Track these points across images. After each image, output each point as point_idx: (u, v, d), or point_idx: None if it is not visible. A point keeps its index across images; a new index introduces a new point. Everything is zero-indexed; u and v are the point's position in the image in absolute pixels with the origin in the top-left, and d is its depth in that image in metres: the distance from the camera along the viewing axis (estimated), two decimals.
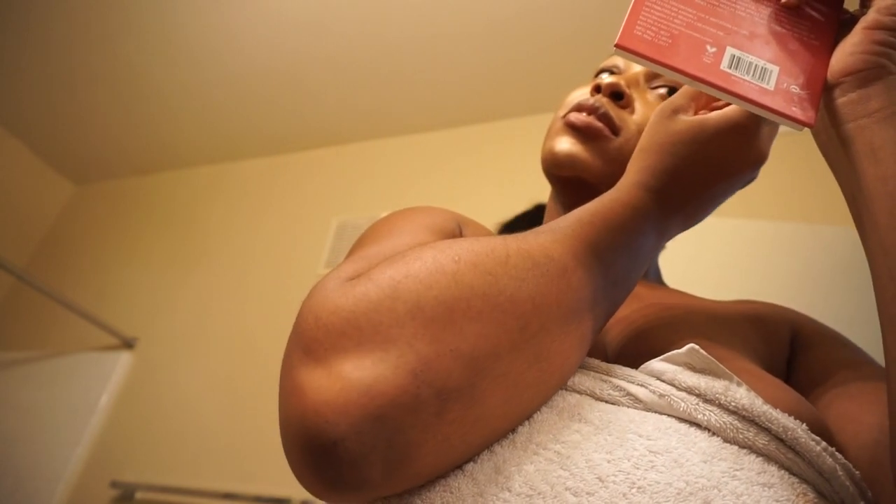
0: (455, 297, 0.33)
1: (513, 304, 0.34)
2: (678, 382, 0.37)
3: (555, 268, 0.36)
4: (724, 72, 0.39)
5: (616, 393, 0.38)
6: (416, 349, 0.31)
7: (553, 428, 0.35)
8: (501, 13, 1.96)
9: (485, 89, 2.22)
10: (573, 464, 0.33)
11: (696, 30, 0.40)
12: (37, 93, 2.45)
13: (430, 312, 0.32)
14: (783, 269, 1.43)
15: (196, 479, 1.82)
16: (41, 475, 1.98)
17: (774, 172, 1.86)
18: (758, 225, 1.54)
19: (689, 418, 0.36)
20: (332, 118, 2.43)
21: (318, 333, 0.33)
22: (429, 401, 0.30)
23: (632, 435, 0.34)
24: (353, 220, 2.28)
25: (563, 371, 0.37)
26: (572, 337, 0.36)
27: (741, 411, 0.36)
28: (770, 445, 0.35)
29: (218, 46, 2.18)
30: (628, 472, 0.32)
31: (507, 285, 0.34)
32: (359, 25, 2.05)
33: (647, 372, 0.39)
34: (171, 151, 2.69)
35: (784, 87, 0.39)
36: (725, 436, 0.35)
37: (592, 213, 0.41)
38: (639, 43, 0.39)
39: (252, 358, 2.05)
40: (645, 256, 0.43)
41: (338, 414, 0.30)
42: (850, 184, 0.40)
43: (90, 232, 2.75)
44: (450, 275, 0.34)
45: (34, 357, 2.29)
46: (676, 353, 0.38)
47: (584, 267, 0.38)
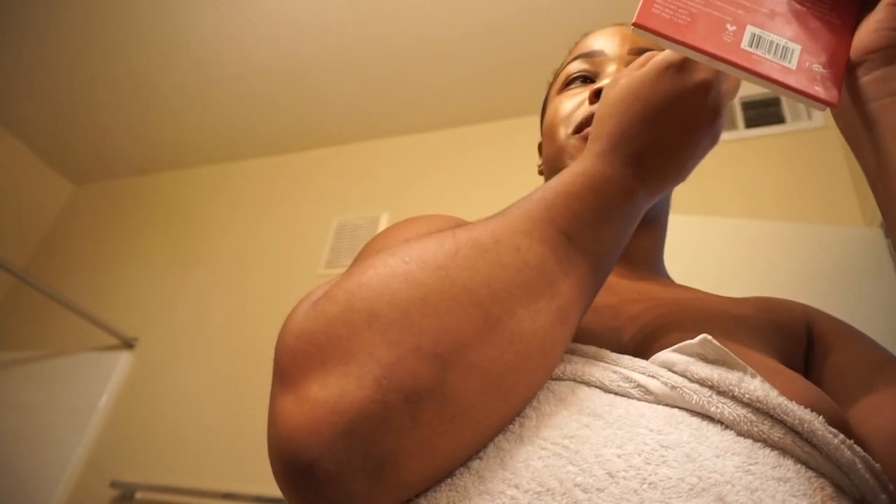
0: (409, 298, 0.32)
1: (468, 293, 0.33)
2: (690, 374, 0.36)
3: (505, 249, 0.36)
4: (745, 50, 0.38)
5: (626, 384, 0.37)
6: (376, 357, 0.31)
7: (562, 421, 0.34)
8: (501, 14, 1.96)
9: (484, 90, 2.22)
10: (582, 459, 0.32)
11: (715, 8, 0.39)
12: (37, 93, 2.45)
13: (386, 317, 0.32)
14: (783, 269, 1.43)
15: (196, 479, 1.82)
16: (41, 475, 1.98)
17: (775, 172, 1.87)
18: (759, 225, 1.54)
19: (702, 411, 0.35)
20: (332, 118, 2.43)
21: (286, 359, 0.33)
22: (398, 406, 0.30)
23: (643, 429, 0.34)
24: (353, 220, 2.28)
25: (545, 350, 0.35)
26: (546, 314, 0.35)
27: (755, 403, 0.34)
28: (786, 438, 0.34)
29: (218, 47, 2.18)
30: (639, 468, 0.31)
31: (459, 276, 0.34)
32: (359, 26, 2.05)
33: (659, 363, 0.38)
34: (171, 151, 2.69)
35: (806, 65, 0.38)
36: (739, 429, 0.34)
37: (545, 189, 0.40)
38: (657, 21, 0.38)
39: (252, 358, 2.05)
40: (618, 221, 0.41)
41: (309, 436, 0.30)
42: (873, 165, 0.39)
43: (90, 232, 2.75)
44: (401, 277, 0.33)
45: (34, 357, 2.29)
46: (688, 343, 0.37)
47: (541, 243, 0.37)
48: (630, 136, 0.41)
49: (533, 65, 2.09)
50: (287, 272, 2.23)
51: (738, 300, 0.57)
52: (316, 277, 2.18)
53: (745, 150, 1.90)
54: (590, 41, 0.64)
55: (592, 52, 0.62)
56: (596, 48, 0.62)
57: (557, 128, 0.59)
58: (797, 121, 1.90)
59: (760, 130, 1.93)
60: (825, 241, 1.49)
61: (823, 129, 1.85)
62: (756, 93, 2.01)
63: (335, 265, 2.18)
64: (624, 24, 0.64)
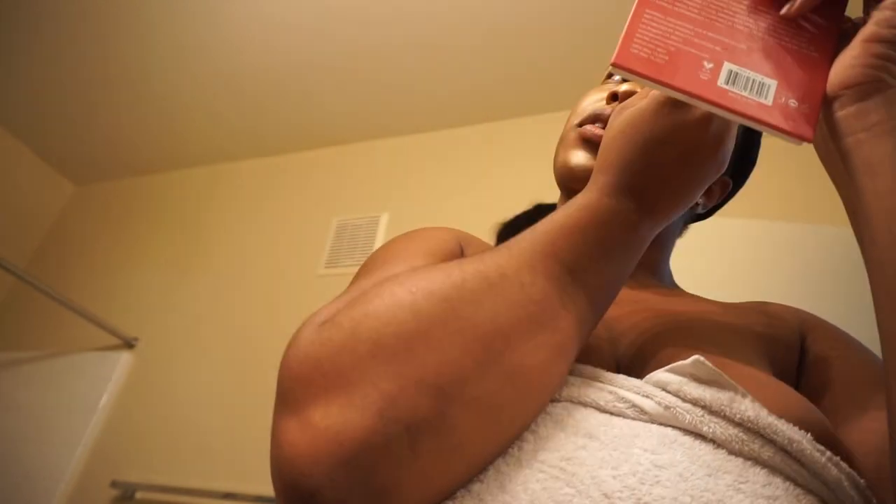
0: (413, 330, 0.33)
1: (472, 327, 0.34)
2: (683, 394, 0.37)
3: (509, 284, 0.36)
4: (721, 88, 0.39)
5: (621, 404, 0.38)
6: (379, 388, 0.31)
7: (558, 444, 0.35)
8: (502, 14, 1.96)
9: (485, 90, 2.22)
10: (579, 481, 0.33)
11: (693, 45, 0.40)
12: (37, 93, 2.45)
13: (391, 348, 0.32)
14: (783, 269, 1.43)
15: (196, 479, 1.82)
16: (41, 475, 1.98)
17: (775, 172, 1.86)
18: (759, 225, 1.54)
19: (695, 430, 0.36)
20: (332, 118, 2.43)
21: (290, 383, 0.34)
22: (399, 438, 0.30)
23: (637, 449, 0.34)
24: (353, 220, 2.28)
25: (543, 384, 0.36)
26: (546, 349, 0.36)
27: (746, 423, 0.35)
28: (775, 457, 0.35)
29: (218, 47, 2.18)
30: (634, 488, 0.32)
31: (464, 309, 0.34)
32: (359, 27, 2.05)
33: (653, 383, 0.39)
34: (172, 152, 2.70)
35: (782, 101, 0.39)
36: (731, 448, 0.35)
37: (551, 222, 0.41)
38: (635, 61, 0.39)
39: (252, 358, 2.05)
40: (620, 253, 0.41)
41: (311, 465, 0.30)
42: (850, 197, 0.40)
43: (90, 232, 2.75)
44: (407, 308, 0.34)
45: (34, 357, 2.29)
46: (682, 363, 0.38)
47: (544, 277, 0.37)
48: (632, 168, 0.42)
49: (533, 65, 2.09)
50: (287, 272, 2.23)
51: (736, 307, 0.58)
52: (316, 277, 2.18)
53: None
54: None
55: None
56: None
57: (570, 117, 0.60)
58: None
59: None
60: (825, 241, 1.49)
61: None
62: None
63: (335, 265, 2.18)
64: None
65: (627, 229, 0.41)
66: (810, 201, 1.75)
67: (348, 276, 2.15)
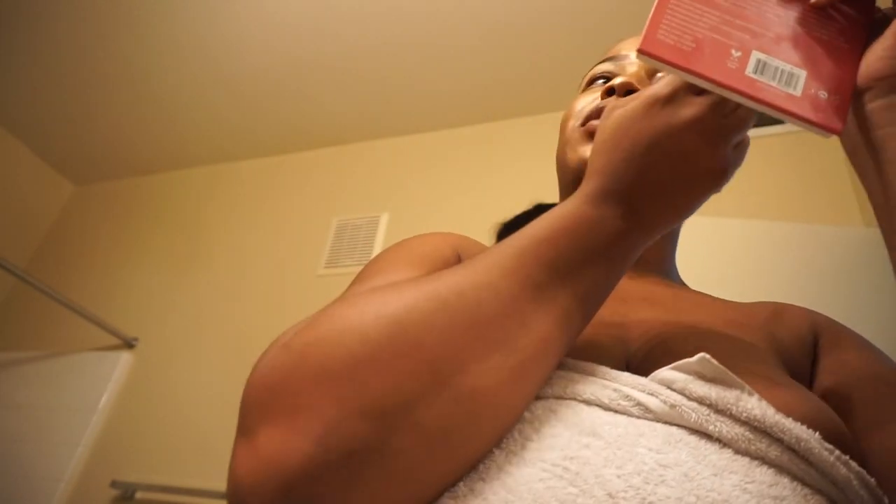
0: (359, 354, 0.32)
1: (420, 350, 0.32)
2: (689, 392, 0.36)
3: (465, 303, 0.35)
4: (750, 77, 0.38)
5: (626, 402, 0.37)
6: (321, 414, 0.31)
7: (562, 442, 0.35)
8: (501, 14, 1.96)
9: (484, 90, 2.22)
10: (583, 480, 0.32)
11: (720, 33, 0.39)
12: (37, 93, 2.45)
13: (335, 374, 0.31)
14: (783, 269, 1.43)
15: (196, 479, 1.82)
16: (41, 475, 1.98)
17: (775, 172, 1.87)
18: (759, 225, 1.54)
19: (701, 429, 0.35)
20: (331, 118, 2.43)
21: (245, 406, 0.34)
22: (340, 465, 0.30)
23: (642, 448, 0.34)
24: (353, 220, 2.28)
25: (497, 408, 0.34)
26: (500, 371, 0.34)
27: (753, 422, 0.35)
28: (782, 456, 0.34)
29: (218, 47, 2.18)
30: (638, 487, 0.32)
31: (412, 332, 0.33)
32: (359, 26, 2.05)
33: (658, 381, 0.38)
34: (172, 152, 2.70)
35: (812, 92, 0.38)
36: (737, 447, 0.35)
37: (533, 229, 0.39)
38: (662, 48, 0.38)
39: (252, 358, 2.04)
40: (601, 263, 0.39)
41: (253, 489, 0.30)
42: (877, 191, 0.39)
43: (90, 232, 2.75)
44: (355, 331, 0.33)
45: (34, 357, 2.29)
46: (687, 361, 0.37)
47: (507, 295, 0.36)
48: (618, 174, 0.40)
49: (532, 66, 2.09)
50: (287, 272, 2.23)
51: (747, 306, 0.57)
52: (316, 277, 2.18)
53: None
54: (618, 46, 0.64)
55: (619, 55, 0.61)
56: (623, 52, 0.61)
57: (567, 122, 0.59)
58: None
59: (760, 130, 1.93)
60: (825, 241, 1.49)
61: None
62: None
63: (335, 265, 2.18)
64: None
65: (613, 238, 0.39)
66: (810, 201, 1.75)
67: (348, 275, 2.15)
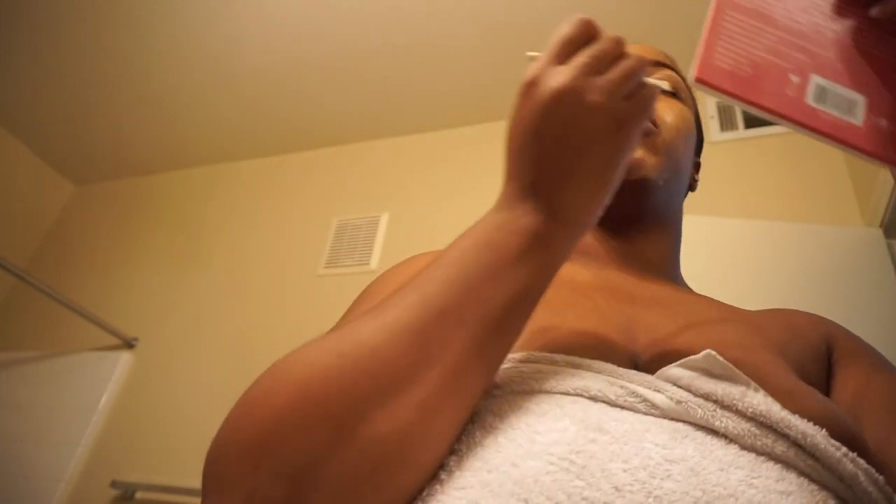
0: (269, 418, 0.32)
1: (322, 407, 0.32)
2: (695, 388, 0.37)
3: (362, 351, 0.34)
4: (810, 107, 0.36)
5: (633, 399, 0.37)
6: (242, 483, 0.31)
7: (569, 437, 0.35)
8: (501, 14, 1.96)
9: (484, 90, 2.22)
10: (589, 473, 0.33)
11: (777, 54, 0.36)
12: (37, 93, 2.45)
13: (251, 442, 0.32)
14: (783, 269, 1.43)
15: (196, 479, 1.81)
16: (41, 475, 1.98)
17: (775, 172, 1.87)
18: (759, 225, 1.54)
19: (707, 425, 0.35)
20: (332, 118, 2.43)
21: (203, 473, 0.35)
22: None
23: (648, 443, 0.34)
24: (353, 220, 2.28)
25: (405, 449, 0.33)
26: (408, 410, 0.33)
27: (759, 417, 0.35)
28: (789, 452, 0.34)
29: (218, 47, 2.18)
30: (644, 482, 0.32)
31: (314, 390, 0.33)
32: (359, 26, 2.05)
33: (664, 378, 0.38)
34: (172, 152, 2.70)
35: (872, 121, 0.36)
36: (743, 443, 0.35)
37: (433, 261, 0.38)
38: (720, 76, 0.35)
39: (252, 358, 2.05)
40: (525, 266, 0.37)
41: None
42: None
43: (90, 232, 2.75)
44: (268, 398, 0.33)
45: (34, 357, 2.29)
46: (693, 358, 0.38)
47: (407, 332, 0.35)
48: (521, 172, 0.39)
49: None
50: (287, 272, 2.24)
51: (756, 313, 0.57)
52: (316, 277, 2.18)
53: (744, 150, 1.90)
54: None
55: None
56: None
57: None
58: None
59: (760, 130, 1.93)
60: (825, 241, 1.49)
61: None
62: None
63: (335, 265, 2.18)
64: (639, 45, 0.64)
65: (530, 238, 0.37)
66: (810, 201, 1.75)
67: (348, 275, 2.15)
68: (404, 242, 2.12)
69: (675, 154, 0.57)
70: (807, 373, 0.48)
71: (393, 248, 2.14)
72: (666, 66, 0.62)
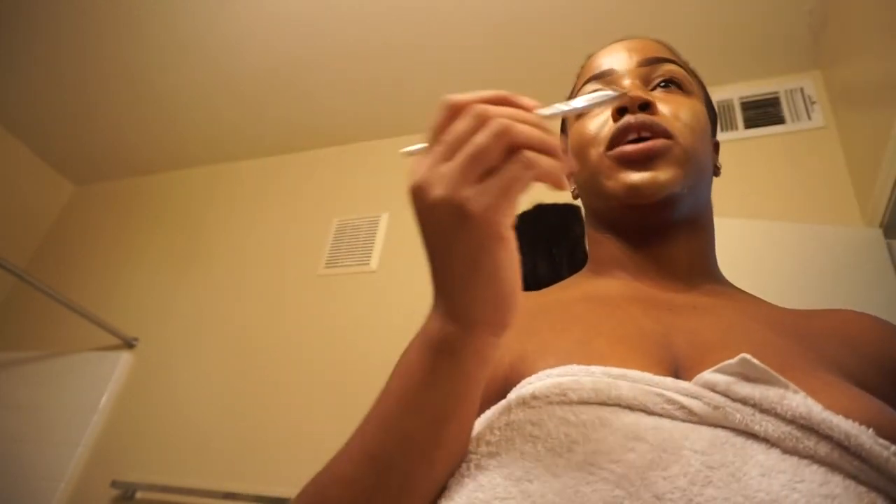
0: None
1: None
2: (732, 393, 0.36)
3: (321, 496, 0.39)
4: None
5: (670, 406, 0.37)
6: None
7: (608, 447, 0.35)
8: (502, 13, 1.96)
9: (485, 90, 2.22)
10: (629, 483, 0.33)
11: None
12: (37, 93, 2.45)
13: None
14: (783, 269, 1.43)
15: (196, 479, 1.82)
16: (42, 475, 1.98)
17: (775, 172, 1.87)
18: (759, 225, 1.54)
19: (746, 429, 0.35)
20: (332, 118, 2.43)
21: None
22: None
23: (687, 451, 0.34)
24: (353, 220, 2.28)
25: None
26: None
27: (799, 420, 0.34)
28: (833, 454, 0.33)
29: (218, 47, 2.18)
30: (685, 489, 0.32)
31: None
32: (359, 26, 2.05)
33: (701, 384, 0.38)
34: (172, 152, 2.69)
35: None
36: (784, 446, 0.34)
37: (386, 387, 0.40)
38: None
39: (252, 358, 2.05)
40: (435, 383, 0.36)
41: None
42: None
43: (90, 232, 2.75)
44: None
45: (34, 357, 2.29)
46: (728, 363, 0.37)
47: (365, 460, 0.38)
48: (431, 274, 0.37)
49: (532, 65, 2.09)
50: (287, 272, 2.23)
51: (804, 313, 0.54)
52: (316, 277, 2.18)
53: (744, 150, 1.90)
54: (598, 61, 0.62)
55: (603, 72, 0.60)
56: (605, 67, 0.60)
57: (587, 150, 0.57)
58: (797, 121, 1.90)
59: (760, 130, 1.93)
60: (825, 241, 1.49)
61: (823, 129, 1.86)
62: (755, 93, 2.01)
63: (335, 265, 2.18)
64: (625, 39, 0.63)
65: (435, 349, 0.36)
66: (810, 201, 1.75)
67: (348, 276, 2.15)
68: (404, 242, 2.12)
69: (695, 156, 0.55)
70: (863, 377, 0.45)
71: (393, 248, 2.14)
72: (665, 61, 0.60)
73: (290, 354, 1.99)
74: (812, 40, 1.91)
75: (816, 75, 1.96)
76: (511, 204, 0.33)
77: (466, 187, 0.32)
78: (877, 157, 1.50)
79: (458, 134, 0.33)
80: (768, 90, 1.99)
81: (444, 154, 0.34)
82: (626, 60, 0.60)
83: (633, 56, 0.60)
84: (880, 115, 1.49)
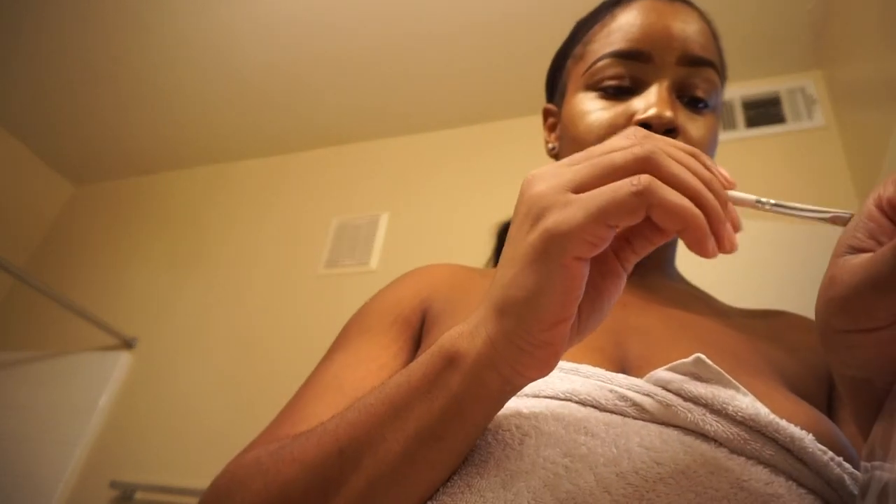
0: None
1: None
2: (684, 392, 0.37)
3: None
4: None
5: (622, 403, 0.37)
6: None
7: (560, 441, 0.35)
8: (502, 13, 1.96)
9: (485, 89, 2.22)
10: (581, 478, 0.33)
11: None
12: (37, 93, 2.45)
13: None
14: (783, 269, 1.43)
15: (196, 479, 1.82)
16: (41, 475, 1.98)
17: (775, 172, 1.86)
18: (759, 225, 1.54)
19: (696, 429, 0.36)
20: (332, 118, 2.43)
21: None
22: None
23: (638, 448, 0.34)
24: (353, 220, 2.28)
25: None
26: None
27: (748, 421, 0.35)
28: (777, 456, 0.34)
29: (218, 46, 2.18)
30: (636, 485, 0.32)
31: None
32: (359, 25, 2.05)
33: (654, 381, 0.38)
34: (171, 151, 2.69)
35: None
36: (732, 446, 0.35)
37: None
38: None
39: (252, 358, 2.05)
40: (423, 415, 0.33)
41: None
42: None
43: (90, 232, 2.75)
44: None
45: (34, 357, 2.29)
46: (682, 362, 0.38)
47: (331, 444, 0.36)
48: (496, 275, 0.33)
49: (533, 64, 2.09)
50: (287, 272, 2.23)
51: (750, 313, 0.55)
52: (316, 277, 2.18)
53: (745, 150, 1.90)
54: (632, 30, 0.54)
55: (634, 51, 0.53)
56: (640, 48, 0.53)
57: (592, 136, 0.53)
58: (797, 120, 1.90)
59: (760, 130, 1.93)
60: (825, 241, 1.49)
61: (824, 128, 1.85)
62: (756, 92, 2.01)
63: (335, 265, 2.18)
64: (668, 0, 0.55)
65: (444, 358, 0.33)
66: (810, 201, 1.74)
67: (348, 275, 2.14)
68: (404, 242, 2.12)
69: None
70: (797, 380, 0.46)
71: (393, 248, 2.14)
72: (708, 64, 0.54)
73: (290, 354, 1.99)
74: (813, 40, 1.91)
75: (818, 75, 1.96)
76: (605, 232, 0.27)
77: (569, 193, 0.29)
78: (878, 156, 1.49)
79: (605, 147, 0.30)
80: (769, 90, 1.99)
81: (578, 159, 0.30)
82: (666, 49, 0.53)
83: (675, 45, 0.53)
84: (882, 115, 1.49)
